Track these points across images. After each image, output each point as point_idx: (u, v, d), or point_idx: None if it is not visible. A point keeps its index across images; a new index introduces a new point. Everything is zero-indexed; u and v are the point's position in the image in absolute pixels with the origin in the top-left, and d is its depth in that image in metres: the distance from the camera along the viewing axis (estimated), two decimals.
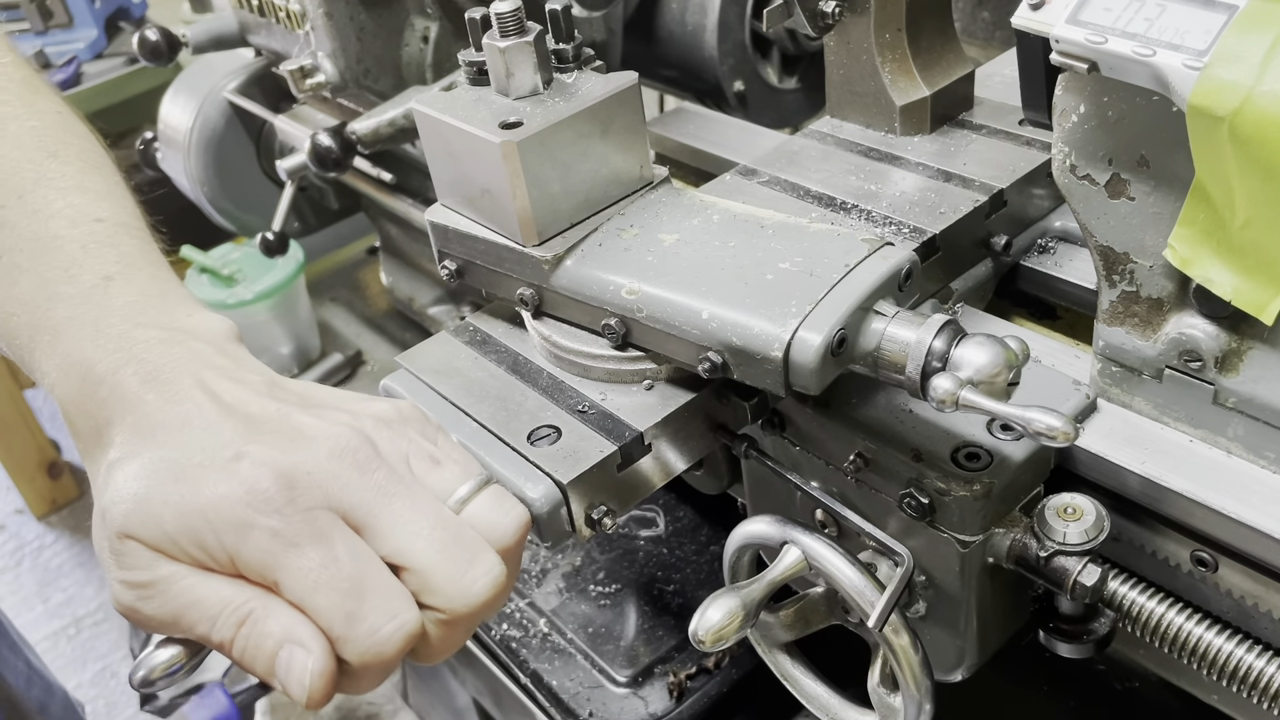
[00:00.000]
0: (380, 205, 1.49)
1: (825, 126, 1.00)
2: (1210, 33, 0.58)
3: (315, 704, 0.58)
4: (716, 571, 0.79)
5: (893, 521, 0.76)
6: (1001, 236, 0.88)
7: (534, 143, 0.72)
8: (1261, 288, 0.62)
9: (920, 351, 0.65)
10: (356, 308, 1.80)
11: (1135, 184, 0.68)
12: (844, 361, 0.68)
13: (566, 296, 0.76)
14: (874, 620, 0.68)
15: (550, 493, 0.68)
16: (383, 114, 1.21)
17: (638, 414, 0.73)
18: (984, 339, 0.64)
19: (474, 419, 0.74)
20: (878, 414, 0.76)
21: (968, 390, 0.62)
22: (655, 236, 0.76)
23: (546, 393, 0.76)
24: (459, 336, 0.83)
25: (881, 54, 0.93)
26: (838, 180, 0.91)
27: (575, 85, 0.75)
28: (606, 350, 0.75)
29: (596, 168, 0.76)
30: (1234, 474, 0.71)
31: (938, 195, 0.87)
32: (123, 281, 0.68)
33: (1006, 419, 0.61)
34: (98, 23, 2.38)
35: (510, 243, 0.76)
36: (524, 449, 0.71)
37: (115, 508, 0.58)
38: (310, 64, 1.22)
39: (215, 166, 1.51)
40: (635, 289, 0.72)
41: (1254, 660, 0.68)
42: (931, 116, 0.95)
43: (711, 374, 0.70)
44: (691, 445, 0.77)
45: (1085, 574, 0.69)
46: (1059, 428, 0.59)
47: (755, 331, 0.67)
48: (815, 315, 0.66)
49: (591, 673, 1.14)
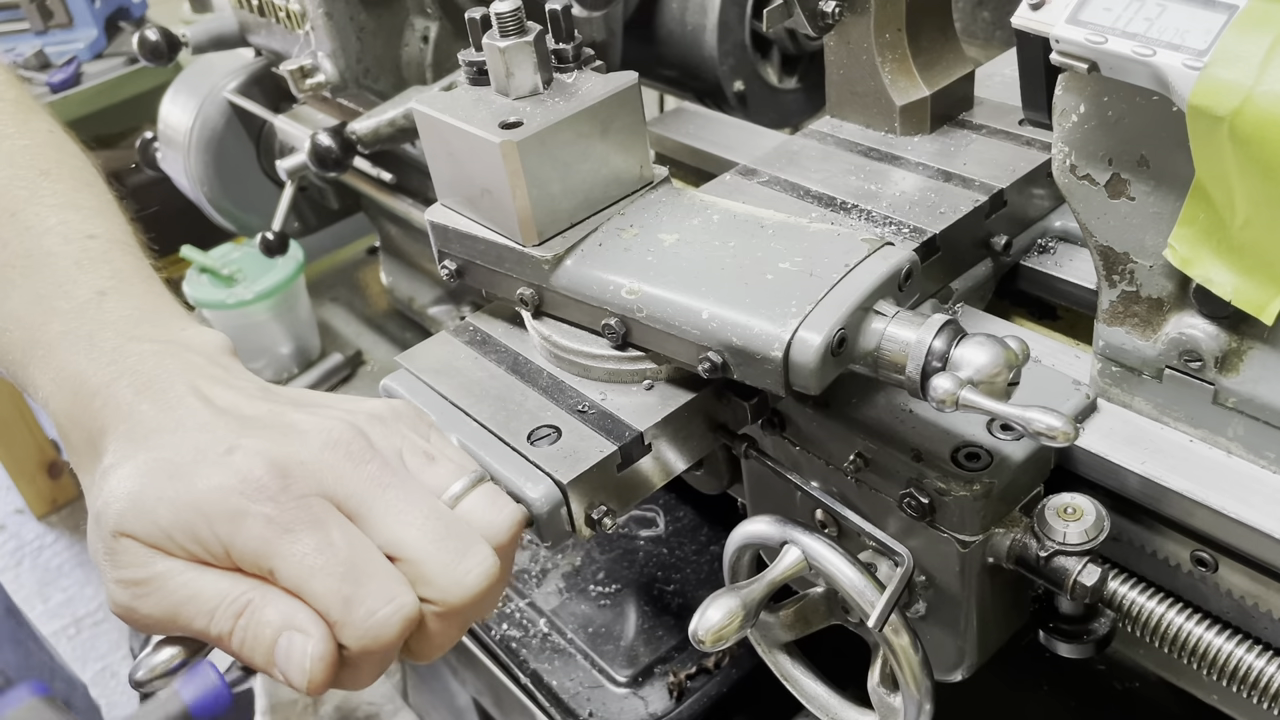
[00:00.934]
0: (380, 205, 1.49)
1: (825, 126, 1.00)
2: (1210, 33, 0.58)
3: (316, 688, 0.58)
4: (716, 571, 0.79)
5: (893, 521, 0.76)
6: (1002, 236, 0.88)
7: (534, 142, 0.72)
8: (1261, 288, 0.62)
9: (920, 351, 0.65)
10: (356, 308, 1.79)
11: (1135, 184, 0.68)
12: (844, 361, 0.68)
13: (566, 296, 0.76)
14: (874, 620, 0.68)
15: (550, 492, 0.68)
16: (383, 114, 1.21)
17: (638, 414, 0.73)
18: (984, 339, 0.64)
19: (474, 419, 0.74)
20: (878, 414, 0.76)
21: (968, 390, 0.62)
22: (655, 236, 0.76)
23: (546, 392, 0.76)
24: (459, 336, 0.83)
25: (881, 54, 0.93)
26: (838, 180, 0.91)
27: (575, 85, 0.75)
28: (606, 350, 0.75)
29: (596, 167, 0.76)
30: (1234, 474, 0.70)
31: (938, 195, 0.87)
32: (117, 296, 0.68)
33: (1006, 419, 0.61)
34: (98, 23, 2.38)
35: (510, 243, 0.76)
36: (524, 449, 0.71)
37: (110, 508, 0.58)
38: (310, 64, 1.22)
39: (215, 166, 1.51)
40: (635, 289, 0.72)
41: (1254, 660, 0.68)
42: (931, 116, 0.95)
43: (711, 374, 0.70)
44: (691, 445, 0.77)
45: (1085, 574, 0.69)
46: (1059, 428, 0.59)
47: (755, 331, 0.67)
48: (815, 315, 0.66)
49: (591, 673, 1.14)
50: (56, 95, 2.23)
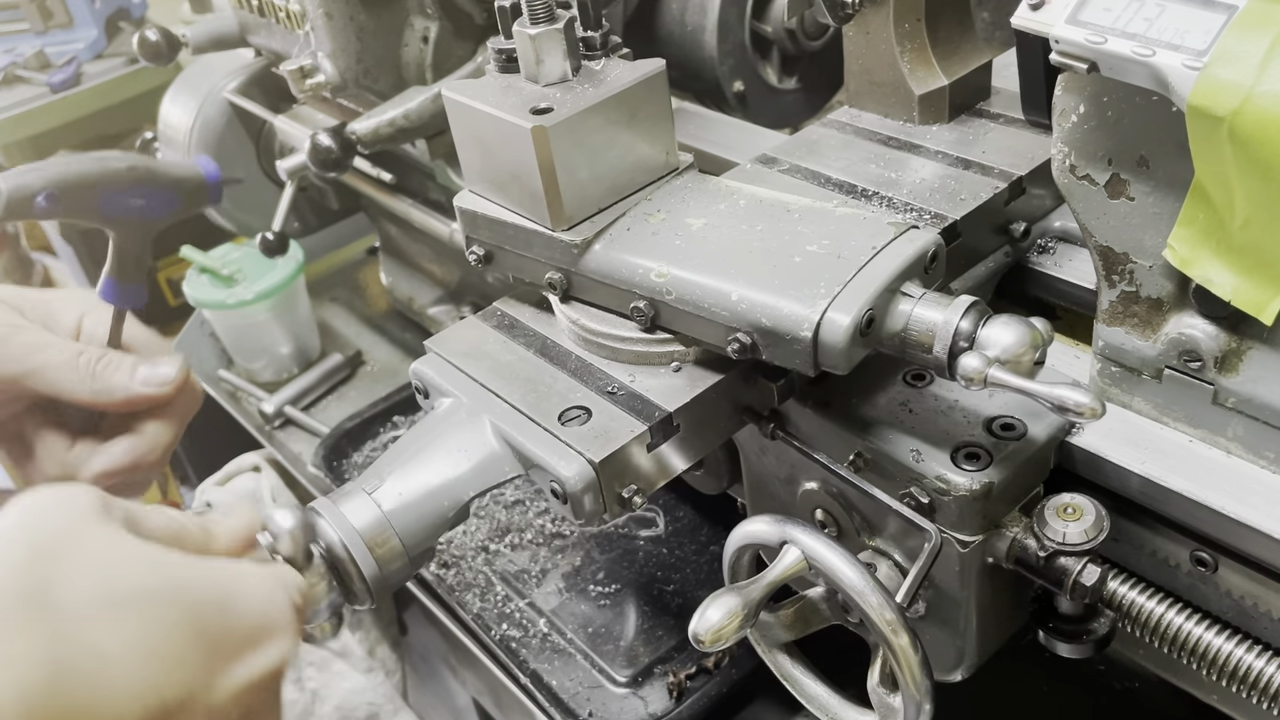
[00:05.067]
0: (380, 205, 1.49)
1: (843, 116, 1.00)
2: (1210, 33, 0.58)
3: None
4: (716, 571, 0.79)
5: (893, 521, 0.76)
6: (1020, 223, 0.88)
7: (565, 128, 0.73)
8: (1261, 288, 0.62)
9: (948, 331, 0.66)
10: (356, 308, 1.80)
11: (1135, 184, 0.68)
12: (872, 342, 0.69)
13: (595, 280, 0.77)
14: (901, 595, 0.69)
15: (583, 471, 0.69)
16: (383, 114, 1.21)
17: (666, 395, 0.74)
18: (1010, 319, 0.65)
19: (505, 400, 0.75)
20: (878, 414, 0.76)
21: (995, 368, 0.63)
22: (683, 221, 0.77)
23: (575, 375, 0.77)
24: (486, 321, 0.84)
25: (901, 44, 0.93)
26: (857, 168, 0.92)
27: (604, 72, 0.77)
28: (635, 333, 0.76)
29: (624, 153, 0.77)
30: (1233, 474, 0.71)
31: (957, 182, 0.88)
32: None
33: (1035, 395, 0.62)
34: (98, 23, 2.38)
35: (539, 227, 0.77)
36: (556, 429, 0.72)
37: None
38: (310, 64, 1.22)
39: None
40: (664, 272, 0.74)
41: (1253, 660, 0.68)
42: (950, 106, 0.95)
43: (740, 355, 0.71)
44: (718, 426, 0.78)
45: (1085, 574, 0.69)
46: (1087, 404, 0.60)
47: (785, 312, 0.68)
48: (844, 296, 0.67)
49: (591, 673, 1.14)
50: (56, 95, 2.22)
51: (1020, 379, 0.63)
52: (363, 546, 0.69)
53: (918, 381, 0.78)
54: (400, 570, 0.72)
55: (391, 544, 0.71)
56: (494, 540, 1.31)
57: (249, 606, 0.52)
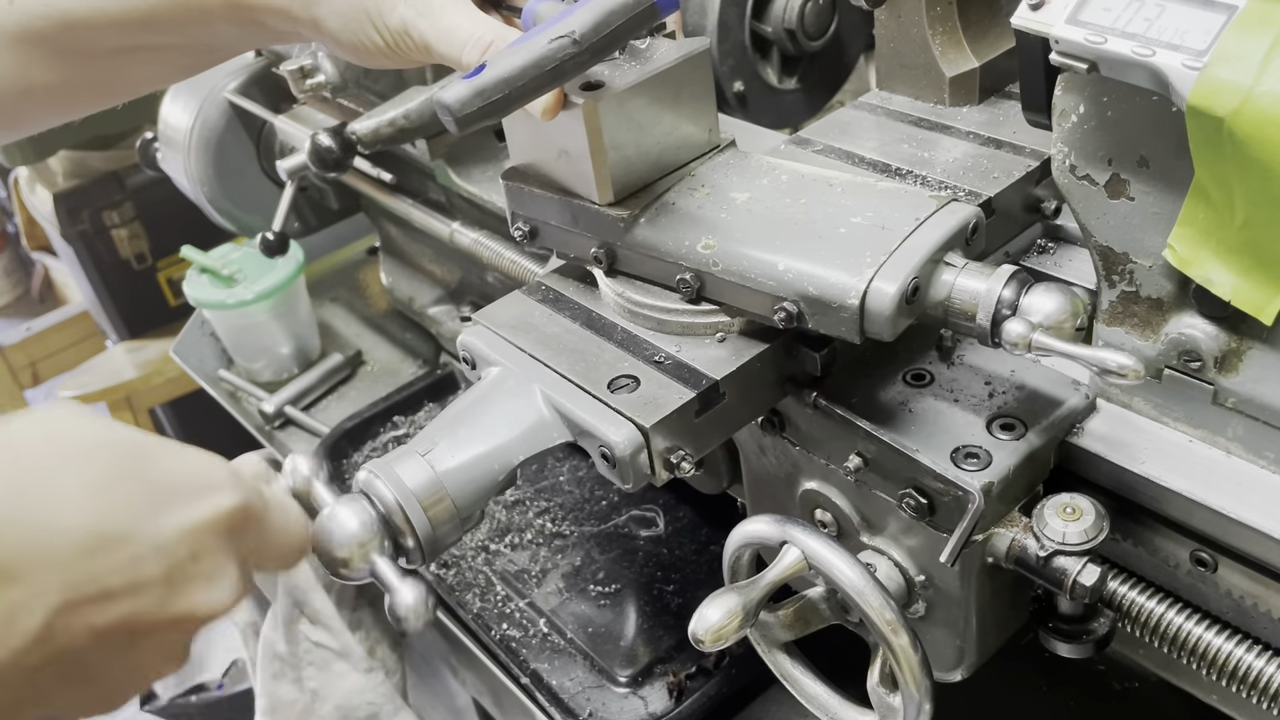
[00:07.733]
0: (380, 205, 1.49)
1: (874, 99, 1.01)
2: (1210, 33, 0.58)
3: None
4: (716, 571, 0.79)
5: (893, 521, 0.76)
6: (1052, 201, 0.89)
7: (613, 104, 0.75)
8: (1261, 288, 0.62)
9: (991, 300, 0.68)
10: (356, 308, 1.80)
11: (1135, 184, 0.68)
12: (916, 310, 0.70)
13: (641, 253, 0.78)
14: (946, 555, 0.70)
15: (632, 436, 0.70)
16: (383, 114, 1.21)
17: (712, 364, 0.75)
18: (1052, 286, 0.67)
19: (555, 370, 0.77)
20: (878, 414, 0.76)
21: (1039, 333, 0.65)
22: (727, 195, 0.79)
23: (622, 345, 0.79)
24: (531, 295, 0.85)
25: (932, 26, 0.94)
26: (891, 148, 0.93)
27: (650, 50, 0.79)
28: (681, 305, 0.78)
29: (669, 129, 0.79)
30: (1233, 474, 0.71)
31: (990, 161, 0.88)
32: None
33: (1078, 359, 0.64)
34: None
35: (586, 202, 0.79)
36: (605, 396, 0.73)
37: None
38: (310, 64, 1.22)
39: (215, 166, 1.51)
40: (711, 243, 0.75)
41: (1253, 660, 0.68)
42: (980, 88, 0.96)
43: (787, 324, 0.72)
44: (762, 396, 0.79)
45: (1085, 574, 0.69)
46: (1130, 365, 0.63)
47: (831, 281, 0.70)
48: (889, 266, 0.69)
49: (591, 673, 1.14)
50: None
51: (1064, 343, 0.64)
52: (417, 506, 0.70)
53: (918, 381, 0.78)
54: (450, 531, 0.73)
55: (444, 504, 0.71)
56: (494, 540, 1.31)
57: (189, 463, 0.60)
